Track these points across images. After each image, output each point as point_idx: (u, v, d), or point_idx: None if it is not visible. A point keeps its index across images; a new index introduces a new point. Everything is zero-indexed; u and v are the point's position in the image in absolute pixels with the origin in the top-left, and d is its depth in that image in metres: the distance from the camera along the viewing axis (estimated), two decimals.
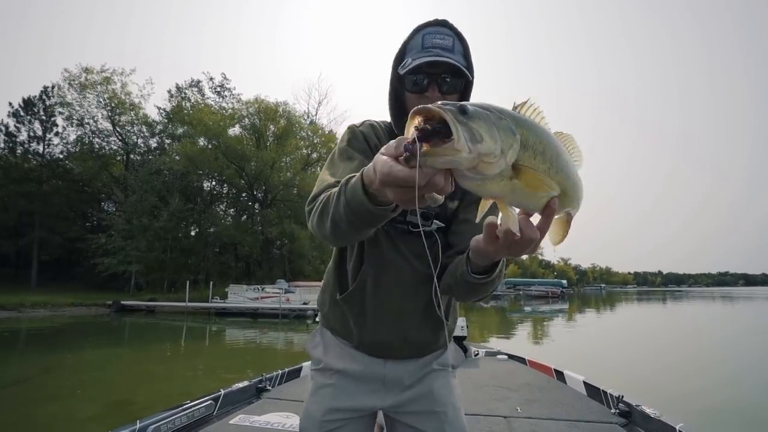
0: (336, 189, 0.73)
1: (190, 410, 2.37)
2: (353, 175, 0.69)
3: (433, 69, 0.91)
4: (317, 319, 1.16)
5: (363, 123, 1.06)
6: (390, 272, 0.99)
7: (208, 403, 2.55)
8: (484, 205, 0.64)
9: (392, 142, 0.52)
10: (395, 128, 1.03)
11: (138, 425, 2.05)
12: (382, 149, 0.54)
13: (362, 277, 0.99)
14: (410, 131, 0.50)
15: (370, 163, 0.60)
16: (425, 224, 0.96)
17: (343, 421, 1.01)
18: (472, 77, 0.97)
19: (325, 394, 1.03)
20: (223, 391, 2.70)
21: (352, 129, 1.03)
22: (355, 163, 0.93)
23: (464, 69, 0.92)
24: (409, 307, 1.00)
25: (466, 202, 1.00)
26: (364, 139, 1.00)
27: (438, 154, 0.47)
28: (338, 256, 1.07)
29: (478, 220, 0.64)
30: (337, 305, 1.04)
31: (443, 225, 0.99)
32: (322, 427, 1.00)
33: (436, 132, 0.48)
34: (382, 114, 1.08)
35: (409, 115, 0.50)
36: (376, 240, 0.98)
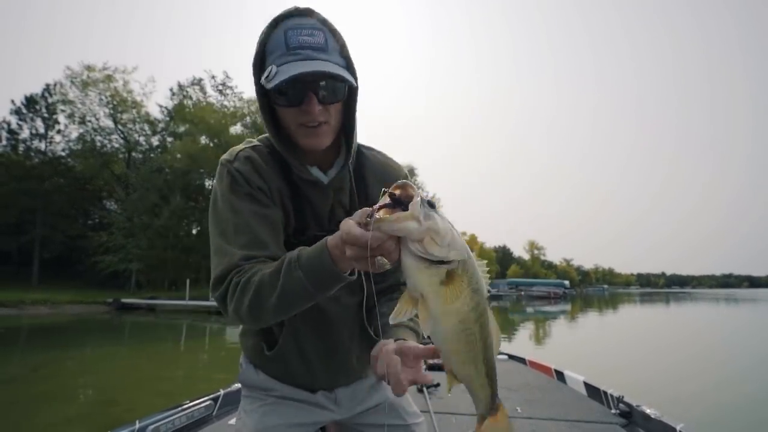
0: (274, 266, 0.72)
1: (189, 410, 2.37)
2: (302, 248, 0.70)
3: (305, 75, 0.76)
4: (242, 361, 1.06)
5: (236, 156, 0.88)
6: (318, 312, 0.90)
7: (208, 403, 2.53)
8: (404, 304, 0.60)
9: (366, 209, 0.57)
10: (277, 146, 0.87)
11: (137, 425, 2.04)
12: (355, 214, 0.58)
13: (289, 327, 0.91)
14: (383, 199, 0.57)
15: (338, 233, 0.61)
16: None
17: None
18: (356, 81, 0.82)
19: (272, 412, 0.95)
20: (222, 392, 2.66)
21: (228, 170, 0.86)
22: (262, 215, 0.84)
23: (346, 74, 0.77)
24: (346, 340, 0.96)
25: None
26: (246, 182, 0.85)
27: (390, 220, 0.52)
28: None
29: (392, 319, 0.60)
30: (267, 358, 0.95)
31: None
32: None
33: (403, 203, 0.55)
34: (384, 114, 0.95)
35: (391, 187, 0.56)
36: None
